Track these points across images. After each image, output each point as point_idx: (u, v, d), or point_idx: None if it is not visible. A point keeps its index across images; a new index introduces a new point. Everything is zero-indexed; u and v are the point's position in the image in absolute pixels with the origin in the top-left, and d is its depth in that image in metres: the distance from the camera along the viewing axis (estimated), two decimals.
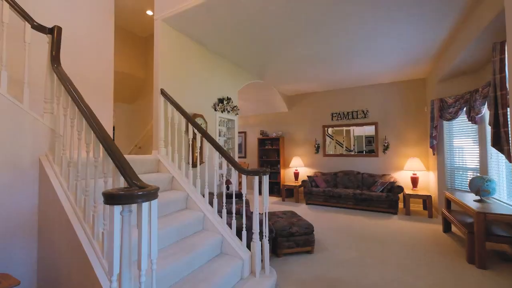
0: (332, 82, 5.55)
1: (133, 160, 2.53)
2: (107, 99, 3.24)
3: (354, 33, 3.19)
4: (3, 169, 1.70)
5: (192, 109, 3.35)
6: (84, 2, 2.99)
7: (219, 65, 3.93)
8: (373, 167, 5.59)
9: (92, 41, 3.06)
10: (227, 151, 4.24)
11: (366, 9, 2.64)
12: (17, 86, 2.26)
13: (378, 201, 4.73)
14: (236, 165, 2.33)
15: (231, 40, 3.40)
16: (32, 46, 2.40)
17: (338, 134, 6.07)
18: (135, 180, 1.31)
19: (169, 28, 3.01)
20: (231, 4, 2.59)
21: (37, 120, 1.88)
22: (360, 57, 4.00)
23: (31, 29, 1.89)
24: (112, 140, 1.50)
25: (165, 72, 2.97)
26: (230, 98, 4.08)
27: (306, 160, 6.42)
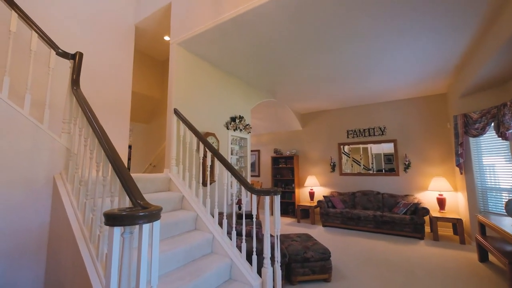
0: (346, 100, 5.47)
1: (144, 178, 2.54)
2: (124, 119, 3.36)
3: (366, 50, 3.15)
4: (19, 187, 1.74)
5: (204, 127, 3.38)
6: (107, 30, 3.23)
7: (232, 84, 4.00)
8: (394, 187, 5.26)
9: (112, 64, 3.25)
10: (239, 170, 4.20)
11: (377, 24, 2.61)
12: (40, 106, 2.40)
13: (401, 224, 4.38)
14: (246, 184, 2.26)
15: (243, 61, 3.47)
16: (55, 70, 2.57)
17: (354, 152, 5.86)
18: (139, 200, 1.28)
19: (184, 51, 3.14)
20: (242, 28, 2.67)
21: (54, 140, 1.95)
22: (375, 73, 3.93)
23: (56, 55, 2.03)
24: (120, 159, 1.50)
25: (179, 92, 3.05)
26: (242, 117, 4.10)
27: (322, 179, 6.20)
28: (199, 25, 2.79)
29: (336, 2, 2.24)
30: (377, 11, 2.37)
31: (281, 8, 2.34)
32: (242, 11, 2.43)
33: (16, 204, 1.73)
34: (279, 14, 2.43)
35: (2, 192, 1.68)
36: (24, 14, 1.85)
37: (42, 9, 2.59)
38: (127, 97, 3.41)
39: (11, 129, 1.74)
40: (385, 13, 2.40)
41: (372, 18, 2.48)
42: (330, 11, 2.37)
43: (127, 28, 3.48)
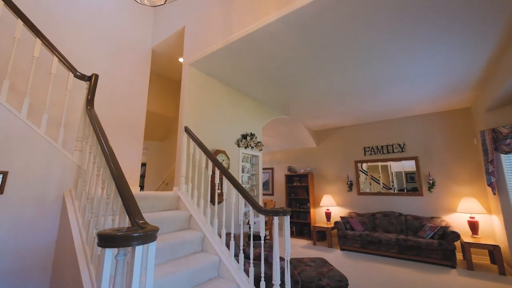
0: (362, 116, 5.31)
1: (153, 196, 2.53)
2: (138, 137, 3.45)
3: (380, 64, 3.07)
4: (30, 204, 1.78)
5: (215, 145, 3.37)
6: (126, 53, 3.42)
7: (243, 102, 4.04)
8: (418, 208, 4.87)
9: (129, 85, 3.40)
10: (251, 188, 4.10)
11: (389, 38, 2.55)
12: (55, 125, 2.51)
13: (428, 250, 3.98)
14: (254, 203, 2.16)
15: (254, 79, 3.51)
16: (73, 90, 2.72)
17: (373, 170, 5.57)
18: (138, 219, 1.24)
19: (195, 71, 3.24)
20: (251, 47, 2.72)
21: (66, 157, 2.01)
22: (391, 88, 3.80)
23: (74, 77, 2.15)
24: (124, 178, 1.49)
25: (190, 110, 3.10)
26: (253, 134, 4.08)
27: (338, 198, 5.91)
28: (210, 45, 2.88)
29: (342, 17, 2.22)
30: (388, 24, 2.32)
31: (287, 26, 2.36)
32: (250, 31, 2.49)
33: (27, 221, 1.76)
34: (286, 32, 2.45)
35: (14, 209, 1.71)
36: (47, 41, 2.00)
37: (66, 33, 2.81)
38: (141, 116, 3.53)
39: (27, 147, 1.81)
40: (396, 26, 2.35)
41: (382, 32, 2.43)
42: (337, 26, 2.35)
43: (144, 51, 3.69)
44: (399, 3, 2.06)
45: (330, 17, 2.22)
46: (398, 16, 2.21)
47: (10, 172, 1.72)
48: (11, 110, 1.77)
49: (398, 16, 2.21)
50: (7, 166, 1.71)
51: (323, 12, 2.17)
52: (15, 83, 2.24)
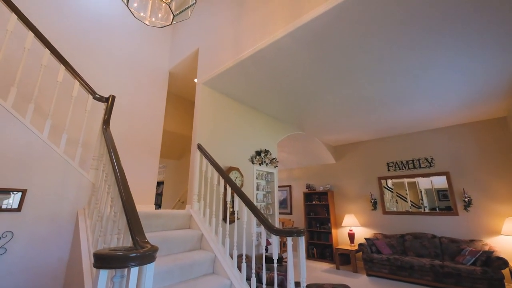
0: (383, 129, 5.06)
1: (165, 215, 2.50)
2: (154, 156, 3.53)
3: (399, 74, 2.94)
4: (45, 222, 1.82)
5: (228, 162, 3.34)
6: (144, 75, 3.61)
7: (256, 118, 4.03)
8: (454, 229, 4.38)
9: (147, 105, 3.55)
10: (266, 206, 3.96)
11: (408, 44, 2.44)
12: (73, 143, 2.64)
13: (470, 279, 3.50)
14: (266, 222, 2.05)
15: (266, 95, 3.51)
16: (92, 111, 2.88)
17: (399, 187, 5.18)
18: (140, 238, 1.20)
19: (208, 89, 3.31)
20: (261, 63, 2.74)
21: (82, 176, 2.07)
22: (414, 98, 3.59)
23: (93, 99, 2.28)
24: (131, 196, 1.48)
25: (203, 127, 3.14)
26: (268, 151, 4.01)
27: (362, 218, 5.52)
28: (222, 64, 2.95)
29: (353, 29, 2.17)
30: (409, 31, 2.23)
31: (296, 40, 2.36)
32: (259, 48, 2.52)
33: (41, 238, 1.79)
34: (296, 46, 2.45)
35: (30, 226, 1.76)
36: (70, 67, 2.15)
37: (89, 58, 3.04)
38: (158, 135, 3.63)
39: (45, 165, 1.90)
40: (418, 31, 2.25)
41: (401, 39, 2.34)
42: (348, 38, 2.30)
43: (162, 74, 3.88)
44: (423, 5, 1.98)
45: (340, 29, 2.18)
46: (421, 21, 2.12)
47: (29, 190, 1.79)
48: (34, 131, 1.89)
49: (421, 21, 2.12)
50: (26, 184, 1.79)
51: (332, 25, 2.14)
52: (39, 104, 2.42)
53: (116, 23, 3.39)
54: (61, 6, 2.86)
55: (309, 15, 2.11)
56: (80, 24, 3.00)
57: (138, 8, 1.70)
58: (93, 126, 2.79)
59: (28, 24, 1.97)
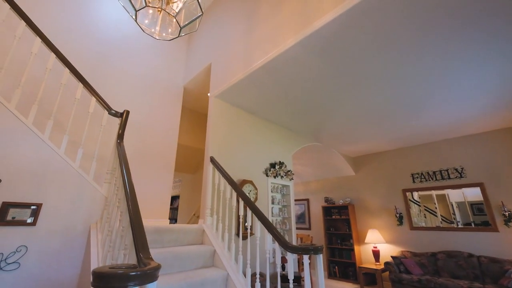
0: (406, 138, 4.78)
1: (177, 229, 2.44)
2: (169, 170, 3.55)
3: (419, 78, 2.78)
4: (58, 236, 1.83)
5: (241, 175, 3.27)
6: (160, 91, 3.72)
7: (270, 130, 3.97)
8: (495, 248, 3.92)
9: (162, 120, 3.63)
10: (283, 221, 3.80)
11: (426, 47, 2.30)
12: (88, 157, 2.70)
13: None
14: (280, 238, 1.92)
15: (279, 106, 3.46)
16: (107, 126, 2.96)
17: (426, 200, 4.80)
18: (144, 255, 1.14)
19: (221, 102, 3.33)
20: (272, 73, 2.71)
21: (96, 190, 2.09)
22: (440, 102, 3.36)
23: (108, 115, 2.35)
24: (138, 209, 1.45)
25: (216, 140, 3.12)
26: (283, 163, 3.90)
27: (387, 234, 5.13)
28: (233, 76, 2.96)
29: (366, 33, 2.09)
30: (432, 29, 2.12)
31: (307, 49, 2.31)
32: (270, 58, 2.50)
33: (53, 253, 1.80)
34: (307, 55, 2.40)
35: (43, 240, 1.77)
36: (88, 84, 2.24)
37: (108, 74, 3.18)
38: (173, 150, 3.66)
39: (61, 180, 1.93)
40: (443, 29, 2.12)
41: (423, 40, 2.22)
42: (361, 43, 2.22)
43: (177, 89, 3.98)
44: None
45: (351, 35, 2.11)
46: (446, 18, 2.00)
47: (44, 204, 1.82)
48: (52, 147, 1.95)
49: (446, 18, 2.00)
50: (42, 198, 1.82)
51: (342, 31, 2.08)
52: (57, 120, 2.52)
53: (133, 43, 3.57)
54: (82, 30, 3.06)
55: (318, 22, 2.07)
56: (99, 45, 3.18)
57: (149, 24, 1.75)
58: (109, 140, 2.87)
59: (51, 46, 2.10)
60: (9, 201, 1.69)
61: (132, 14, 1.48)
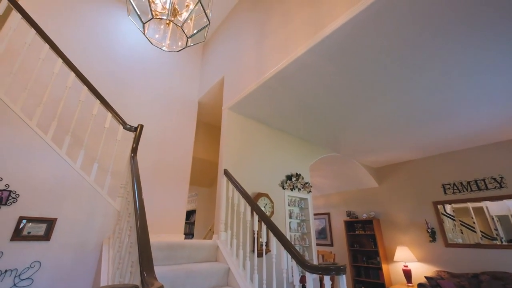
0: (434, 146, 4.44)
1: (189, 245, 2.36)
2: (184, 183, 3.52)
3: (445, 80, 2.58)
4: (70, 251, 1.82)
5: (256, 188, 3.16)
6: (175, 105, 3.78)
7: (285, 141, 3.86)
8: None
9: (177, 134, 3.65)
10: (302, 236, 3.59)
11: (450, 46, 2.13)
12: (104, 172, 2.74)
13: None
14: (298, 256, 1.77)
15: (293, 115, 3.37)
16: (122, 140, 3.01)
17: (462, 213, 4.34)
18: (147, 274, 1.07)
19: (234, 114, 3.30)
20: (284, 82, 2.65)
21: (109, 204, 2.09)
22: (468, 107, 3.10)
23: (123, 129, 2.39)
24: (145, 225, 1.39)
25: (230, 153, 3.07)
26: (299, 175, 3.75)
27: (418, 251, 4.68)
28: (245, 88, 2.94)
29: (374, 36, 1.98)
30: (467, 22, 1.97)
31: (319, 56, 2.24)
32: (281, 67, 2.45)
33: (66, 269, 1.78)
34: (319, 62, 2.32)
35: (56, 256, 1.77)
36: (104, 101, 2.31)
37: (124, 90, 3.28)
38: (188, 163, 3.66)
39: (76, 194, 1.95)
40: (469, 28, 1.96)
41: (451, 37, 2.06)
42: (373, 47, 2.11)
43: (191, 104, 4.04)
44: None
45: (367, 38, 2.01)
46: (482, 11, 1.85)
47: (58, 219, 1.83)
48: (69, 162, 1.99)
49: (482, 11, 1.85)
50: (57, 213, 1.84)
51: (355, 35, 1.99)
52: (74, 133, 2.60)
53: (149, 62, 3.70)
54: (102, 52, 3.23)
55: (330, 27, 2.00)
56: (117, 66, 3.33)
57: (161, 39, 1.78)
58: (125, 154, 2.91)
59: (71, 66, 2.20)
60: (26, 216, 1.72)
61: (140, 27, 1.51)
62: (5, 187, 1.69)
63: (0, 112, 1.78)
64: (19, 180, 1.75)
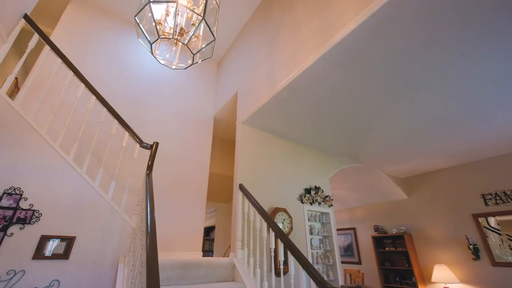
0: (468, 152, 4.06)
1: (205, 264, 2.29)
2: (201, 199, 3.51)
3: (478, 77, 2.38)
4: (88, 270, 1.83)
5: (273, 202, 3.06)
6: (190, 123, 3.85)
7: (302, 153, 3.75)
8: None
9: (193, 149, 3.70)
10: (325, 254, 3.37)
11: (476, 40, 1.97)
12: (121, 190, 2.80)
13: None
14: (317, 277, 1.63)
15: (308, 126, 3.28)
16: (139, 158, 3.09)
17: (509, 227, 3.85)
18: None
19: (248, 128, 3.29)
20: (297, 93, 2.61)
21: (125, 222, 2.11)
22: (506, 105, 2.82)
23: (140, 147, 2.46)
24: (155, 244, 1.37)
25: (245, 167, 3.02)
26: (319, 187, 3.58)
27: (460, 271, 4.17)
28: (258, 101, 2.93)
29: (386, 39, 1.88)
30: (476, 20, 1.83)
31: (331, 64, 2.18)
32: (293, 77, 2.41)
33: (83, 287, 1.79)
34: (330, 71, 2.26)
35: (74, 274, 1.79)
36: (122, 121, 2.41)
37: (143, 109, 3.42)
38: (204, 179, 3.66)
39: (94, 212, 2.00)
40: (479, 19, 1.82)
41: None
42: (391, 50, 2.00)
43: (207, 120, 4.11)
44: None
45: (381, 41, 1.93)
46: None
47: (77, 237, 1.87)
48: (88, 181, 2.07)
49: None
50: (76, 231, 1.88)
51: (367, 39, 1.91)
52: (94, 152, 2.71)
53: (167, 82, 3.86)
54: (120, 74, 3.43)
55: (339, 34, 1.95)
56: (136, 88, 3.50)
57: (172, 58, 1.85)
58: (143, 172, 2.98)
59: (92, 90, 2.35)
60: (47, 235, 1.77)
61: (148, 48, 1.58)
62: (30, 206, 1.77)
63: (27, 135, 1.91)
64: (42, 199, 1.83)
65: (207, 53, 1.83)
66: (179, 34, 1.57)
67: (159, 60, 1.75)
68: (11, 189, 1.74)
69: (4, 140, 1.84)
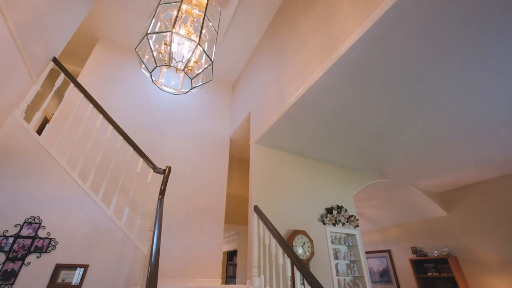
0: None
1: None
2: (219, 222, 3.43)
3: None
4: None
5: (291, 224, 2.88)
6: (207, 145, 3.89)
7: (320, 170, 3.57)
8: None
9: (211, 171, 3.69)
10: (354, 281, 3.04)
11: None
12: (135, 214, 2.81)
13: None
14: None
15: (324, 142, 3.14)
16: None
17: None
18: None
19: (261, 147, 3.23)
20: (307, 109, 2.53)
21: (138, 249, 2.09)
22: None
23: (153, 172, 2.50)
24: (156, 274, 1.31)
25: (259, 188, 2.93)
26: (341, 206, 3.33)
27: None
28: (269, 120, 2.89)
29: (394, 45, 1.77)
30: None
31: (338, 76, 2.10)
32: (301, 93, 2.36)
33: None
34: (338, 83, 2.17)
35: None
36: (137, 148, 2.50)
37: (160, 134, 3.53)
38: (222, 201, 3.59)
39: (107, 239, 2.02)
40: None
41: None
42: (402, 55, 1.88)
43: (223, 141, 4.13)
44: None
45: (390, 47, 1.82)
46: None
47: (90, 265, 1.88)
48: (103, 208, 2.12)
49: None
50: (89, 259, 1.90)
51: (373, 49, 1.82)
52: (109, 178, 2.79)
53: (183, 108, 4.00)
54: (136, 104, 3.62)
55: (343, 46, 1.88)
56: (154, 115, 3.66)
57: (176, 85, 1.91)
58: (157, 197, 3.01)
59: (110, 120, 2.49)
60: (62, 263, 1.81)
61: (149, 77, 1.65)
62: (47, 235, 1.84)
63: (49, 165, 2.04)
64: (59, 228, 1.89)
65: (208, 77, 1.87)
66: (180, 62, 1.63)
67: (159, 87, 1.82)
68: (31, 218, 1.83)
69: (29, 171, 1.97)
